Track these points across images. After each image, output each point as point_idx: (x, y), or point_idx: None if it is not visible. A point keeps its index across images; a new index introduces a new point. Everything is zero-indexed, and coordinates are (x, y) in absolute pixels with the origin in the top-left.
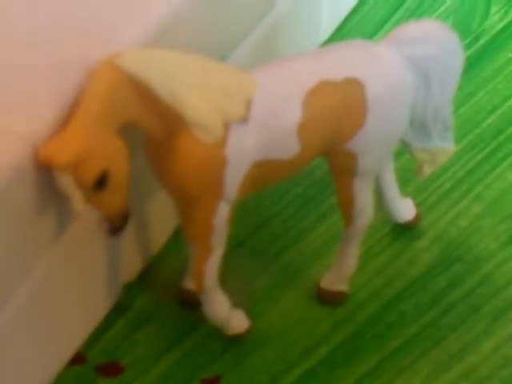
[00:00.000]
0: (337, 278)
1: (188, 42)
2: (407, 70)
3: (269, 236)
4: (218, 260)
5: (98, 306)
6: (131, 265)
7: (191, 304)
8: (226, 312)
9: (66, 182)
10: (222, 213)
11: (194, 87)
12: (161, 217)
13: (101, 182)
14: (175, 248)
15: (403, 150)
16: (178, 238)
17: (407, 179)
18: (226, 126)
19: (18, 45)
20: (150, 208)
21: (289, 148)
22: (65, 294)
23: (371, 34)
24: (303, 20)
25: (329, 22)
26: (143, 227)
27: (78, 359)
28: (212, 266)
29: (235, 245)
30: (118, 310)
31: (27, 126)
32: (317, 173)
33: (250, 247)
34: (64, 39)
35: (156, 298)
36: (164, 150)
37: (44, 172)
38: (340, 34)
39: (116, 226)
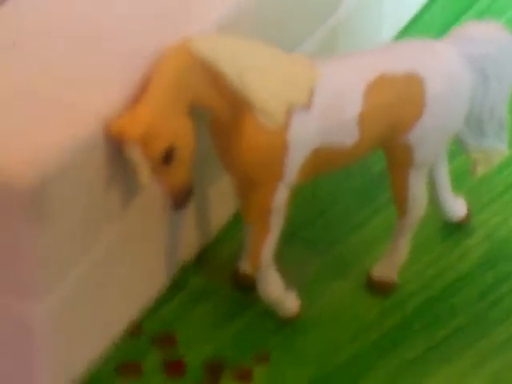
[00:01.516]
0: (388, 267)
1: (253, 36)
2: (466, 68)
3: (323, 226)
4: (275, 242)
5: (157, 281)
6: (190, 244)
7: (245, 287)
8: (279, 292)
9: (135, 155)
10: (281, 195)
11: (260, 73)
12: (220, 200)
13: (168, 157)
14: (232, 232)
15: (458, 151)
16: (235, 222)
17: (461, 180)
18: (289, 113)
19: (95, 35)
20: (211, 190)
21: (348, 137)
22: (127, 265)
23: (439, 34)
24: (368, 18)
25: (393, 22)
26: (203, 209)
27: (135, 329)
28: (268, 247)
29: (290, 233)
30: (174, 287)
31: (101, 102)
32: (374, 168)
33: (304, 236)
34: (137, 28)
35: (211, 279)
36: (228, 132)
37: (115, 146)
38: (405, 33)
39: (179, 200)
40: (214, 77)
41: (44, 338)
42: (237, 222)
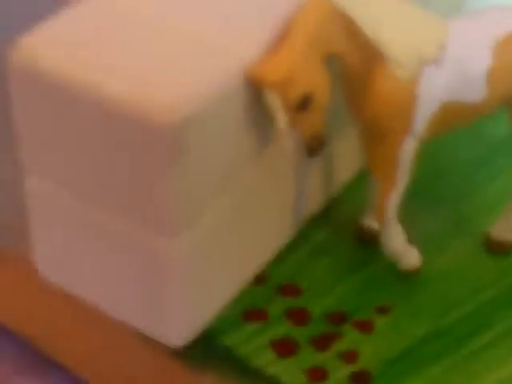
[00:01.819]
0: (506, 228)
1: None
2: None
3: (443, 187)
4: (400, 195)
5: (284, 232)
6: (316, 198)
7: (369, 241)
8: (402, 246)
9: (274, 100)
10: (409, 148)
11: (395, 25)
12: (347, 154)
13: (304, 103)
14: (358, 187)
15: None
16: (360, 177)
17: None
18: (420, 66)
19: None
20: (339, 144)
21: (476, 92)
22: (258, 213)
23: None
24: None
25: None
26: (330, 163)
27: (261, 278)
28: (394, 200)
29: (411, 192)
30: (300, 239)
31: (242, 47)
32: (494, 133)
33: (424, 196)
34: None
35: (336, 233)
36: (360, 83)
37: (254, 91)
38: None
39: (313, 148)
40: (349, 26)
41: (177, 275)
42: (362, 177)
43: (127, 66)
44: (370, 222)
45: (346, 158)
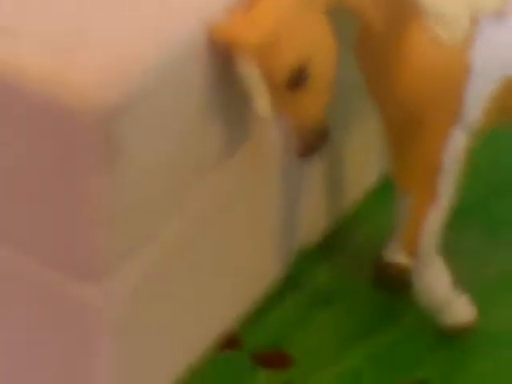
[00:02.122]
0: None
1: None
2: None
3: (504, 209)
4: (442, 215)
5: (264, 275)
6: (312, 224)
7: (393, 284)
8: (445, 292)
9: (251, 73)
10: (456, 144)
11: None
12: (359, 159)
13: (298, 77)
14: (373, 207)
15: None
16: (378, 193)
17: None
18: (474, 22)
19: None
20: (348, 144)
21: None
22: (222, 245)
23: None
24: None
25: None
26: (334, 171)
27: (232, 343)
28: (433, 222)
29: (463, 212)
30: (288, 285)
31: None
32: None
33: (479, 219)
34: None
35: (342, 273)
36: (383, 49)
37: (221, 60)
38: None
39: (309, 144)
40: None
41: (107, 331)
42: (383, 191)
43: (39, 19)
44: (396, 257)
45: (360, 163)
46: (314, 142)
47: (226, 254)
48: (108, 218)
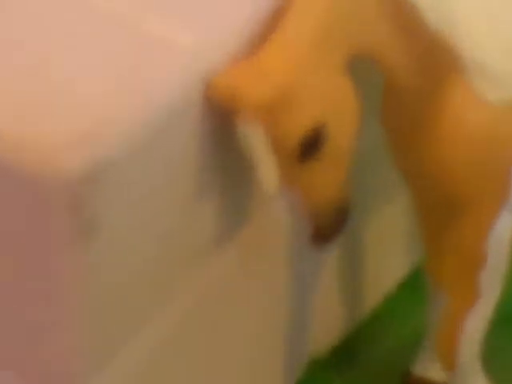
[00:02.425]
0: None
1: None
2: None
3: None
4: (486, 318)
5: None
6: (326, 327)
7: None
8: None
9: (256, 139)
10: (503, 231)
11: (483, 7)
12: (388, 245)
13: (312, 144)
14: (402, 306)
15: None
16: (408, 289)
17: None
18: None
19: None
20: (372, 226)
21: None
22: (218, 345)
23: None
24: None
25: None
26: (355, 260)
27: None
28: (474, 328)
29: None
30: None
31: (197, 39)
32: None
33: None
34: None
35: None
36: (416, 112)
37: (219, 121)
38: None
39: (324, 227)
40: (398, 9)
41: None
42: (409, 289)
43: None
44: (427, 371)
45: (386, 251)
46: (330, 225)
47: (223, 359)
48: (81, 313)
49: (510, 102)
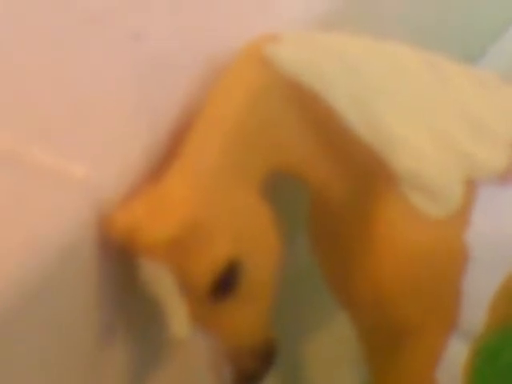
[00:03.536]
0: None
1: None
2: None
3: None
4: None
5: None
6: None
7: None
8: None
9: (161, 279)
10: (455, 357)
11: (413, 111)
12: (329, 377)
13: (226, 281)
14: None
15: None
16: None
17: None
18: (471, 190)
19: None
20: (309, 358)
21: None
22: None
23: None
24: None
25: None
26: None
27: None
28: None
29: None
30: None
31: (90, 169)
32: None
33: None
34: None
35: None
36: (348, 231)
37: (118, 263)
38: None
39: (246, 370)
40: (318, 116)
41: None
42: None
43: None
44: None
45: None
46: (253, 368)
47: None
48: None
49: (448, 214)
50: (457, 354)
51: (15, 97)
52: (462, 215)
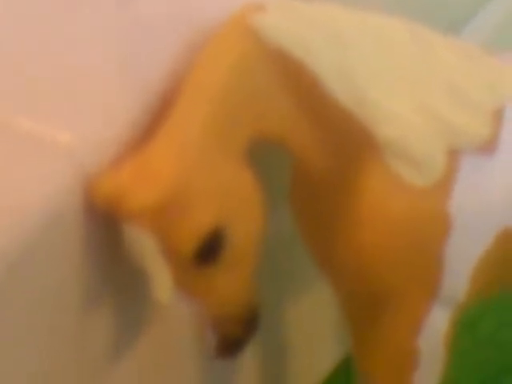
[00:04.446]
0: None
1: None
2: None
3: None
4: None
5: None
6: None
7: None
8: None
9: (146, 245)
10: (436, 325)
11: (396, 81)
12: (310, 343)
13: (210, 248)
14: None
15: None
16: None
17: None
18: (453, 160)
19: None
20: (292, 324)
21: None
22: None
23: None
24: None
25: None
26: (274, 363)
27: None
28: None
29: None
30: None
31: (75, 136)
32: None
33: None
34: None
35: None
36: (330, 198)
37: (104, 223)
38: None
39: (229, 336)
40: (302, 86)
41: None
42: (341, 381)
43: None
44: None
45: (308, 350)
46: (235, 334)
47: None
48: None
49: (430, 183)
50: (438, 322)
51: (0, 66)
52: (445, 184)
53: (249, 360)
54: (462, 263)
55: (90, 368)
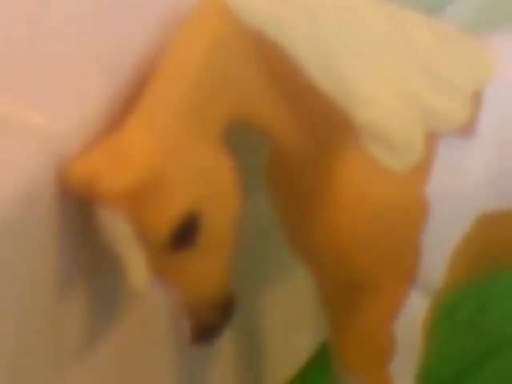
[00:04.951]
0: None
1: None
2: None
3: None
4: None
5: None
6: None
7: None
8: None
9: (120, 230)
10: (414, 311)
11: (374, 64)
12: (287, 329)
13: (184, 232)
14: None
15: None
16: (313, 371)
17: None
18: (431, 143)
19: None
20: (268, 310)
21: None
22: None
23: None
24: None
25: None
26: (251, 350)
27: None
28: None
29: None
30: None
31: (49, 119)
32: None
33: None
34: None
35: None
36: (307, 182)
37: (77, 207)
38: None
39: (204, 323)
40: (279, 66)
41: None
42: (314, 372)
43: None
44: None
45: (285, 336)
46: (211, 320)
47: None
48: None
49: (408, 167)
50: (415, 308)
51: None
52: (423, 168)
53: (225, 346)
54: (439, 249)
55: (65, 354)
